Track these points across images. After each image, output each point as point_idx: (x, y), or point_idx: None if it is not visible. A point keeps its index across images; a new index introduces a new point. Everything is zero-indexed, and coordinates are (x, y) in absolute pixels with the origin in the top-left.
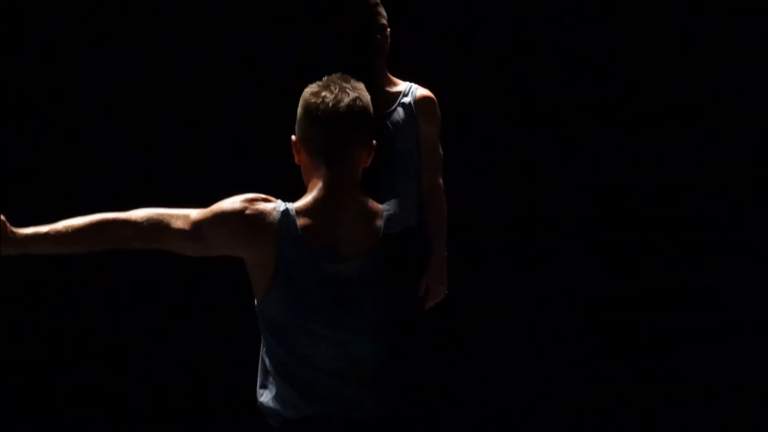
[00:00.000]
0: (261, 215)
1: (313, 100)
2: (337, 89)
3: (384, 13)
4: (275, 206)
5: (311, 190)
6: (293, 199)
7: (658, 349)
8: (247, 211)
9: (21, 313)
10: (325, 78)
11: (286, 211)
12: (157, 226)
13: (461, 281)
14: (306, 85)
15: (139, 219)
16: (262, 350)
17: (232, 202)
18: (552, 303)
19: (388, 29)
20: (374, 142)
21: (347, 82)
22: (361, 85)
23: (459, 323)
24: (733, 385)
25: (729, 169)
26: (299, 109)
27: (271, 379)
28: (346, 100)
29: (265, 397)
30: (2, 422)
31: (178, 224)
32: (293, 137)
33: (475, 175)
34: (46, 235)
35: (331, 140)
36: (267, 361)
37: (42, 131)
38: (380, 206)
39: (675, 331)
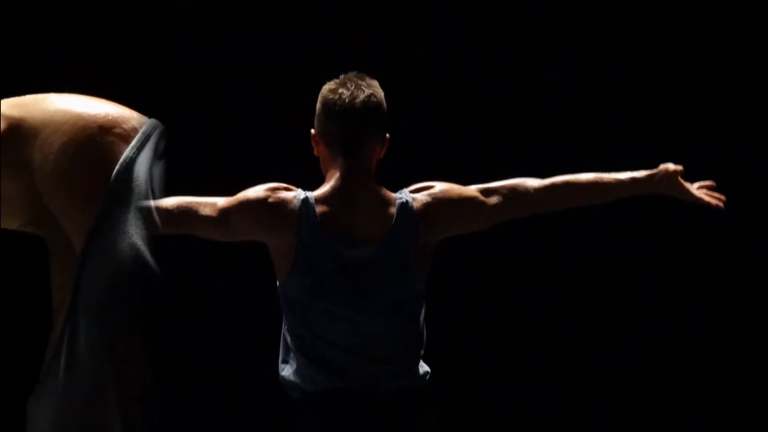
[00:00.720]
0: (283, 203)
1: (330, 97)
2: (353, 86)
3: None
4: (296, 195)
5: (329, 180)
6: (312, 189)
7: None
8: (270, 199)
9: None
10: (342, 76)
11: (305, 200)
12: (186, 213)
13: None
14: (324, 83)
15: (169, 206)
16: (284, 328)
17: (255, 191)
18: (550, 298)
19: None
20: (388, 135)
21: (362, 79)
22: (375, 83)
23: (466, 310)
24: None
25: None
26: (318, 105)
27: (292, 355)
28: (362, 96)
29: (287, 371)
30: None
31: (206, 211)
32: (312, 131)
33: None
34: None
35: (348, 134)
36: (288, 339)
37: None
38: (393, 195)
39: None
